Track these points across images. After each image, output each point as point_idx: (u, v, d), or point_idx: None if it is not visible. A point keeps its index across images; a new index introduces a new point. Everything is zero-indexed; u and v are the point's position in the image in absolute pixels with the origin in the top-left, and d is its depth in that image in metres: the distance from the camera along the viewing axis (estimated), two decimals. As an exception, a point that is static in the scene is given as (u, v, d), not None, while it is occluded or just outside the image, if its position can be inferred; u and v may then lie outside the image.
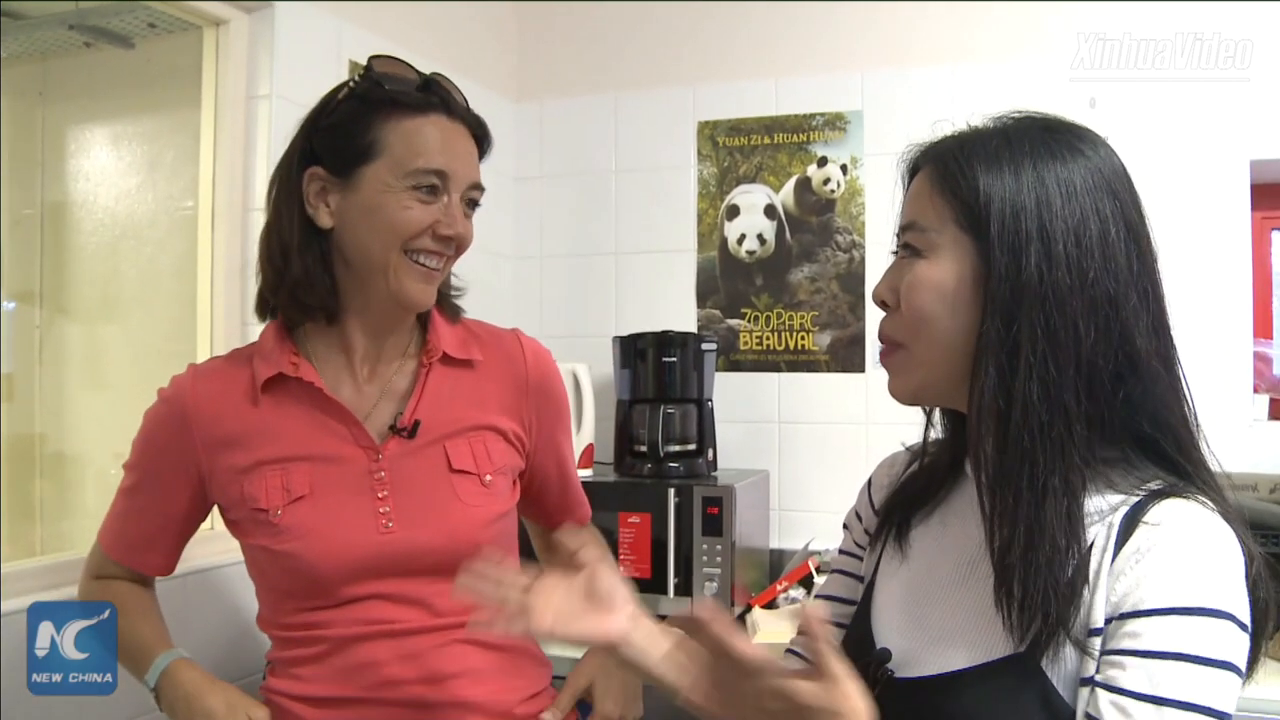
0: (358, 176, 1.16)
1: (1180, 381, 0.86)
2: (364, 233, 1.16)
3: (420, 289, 1.18)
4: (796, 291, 2.47)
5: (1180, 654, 0.74)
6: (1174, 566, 0.76)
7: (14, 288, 2.08)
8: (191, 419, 1.20)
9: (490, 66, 2.61)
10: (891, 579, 0.98)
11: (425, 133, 1.16)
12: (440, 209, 1.16)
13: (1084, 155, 0.85)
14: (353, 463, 1.19)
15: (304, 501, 1.17)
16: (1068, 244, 0.81)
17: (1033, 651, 0.80)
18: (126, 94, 2.09)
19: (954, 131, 0.90)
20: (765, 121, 2.50)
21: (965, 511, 0.94)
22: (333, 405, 1.20)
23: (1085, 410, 0.81)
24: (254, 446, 1.19)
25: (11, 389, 2.05)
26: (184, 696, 1.15)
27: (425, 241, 1.17)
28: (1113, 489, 0.82)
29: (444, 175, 1.16)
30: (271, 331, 1.23)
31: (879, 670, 0.89)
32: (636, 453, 2.32)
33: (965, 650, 0.84)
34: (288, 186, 1.20)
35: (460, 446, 1.23)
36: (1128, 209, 0.84)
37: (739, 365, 2.51)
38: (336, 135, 1.17)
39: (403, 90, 1.17)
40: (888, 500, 1.02)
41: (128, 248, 2.04)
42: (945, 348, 0.86)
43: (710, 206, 2.54)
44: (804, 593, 2.17)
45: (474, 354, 1.28)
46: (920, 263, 0.87)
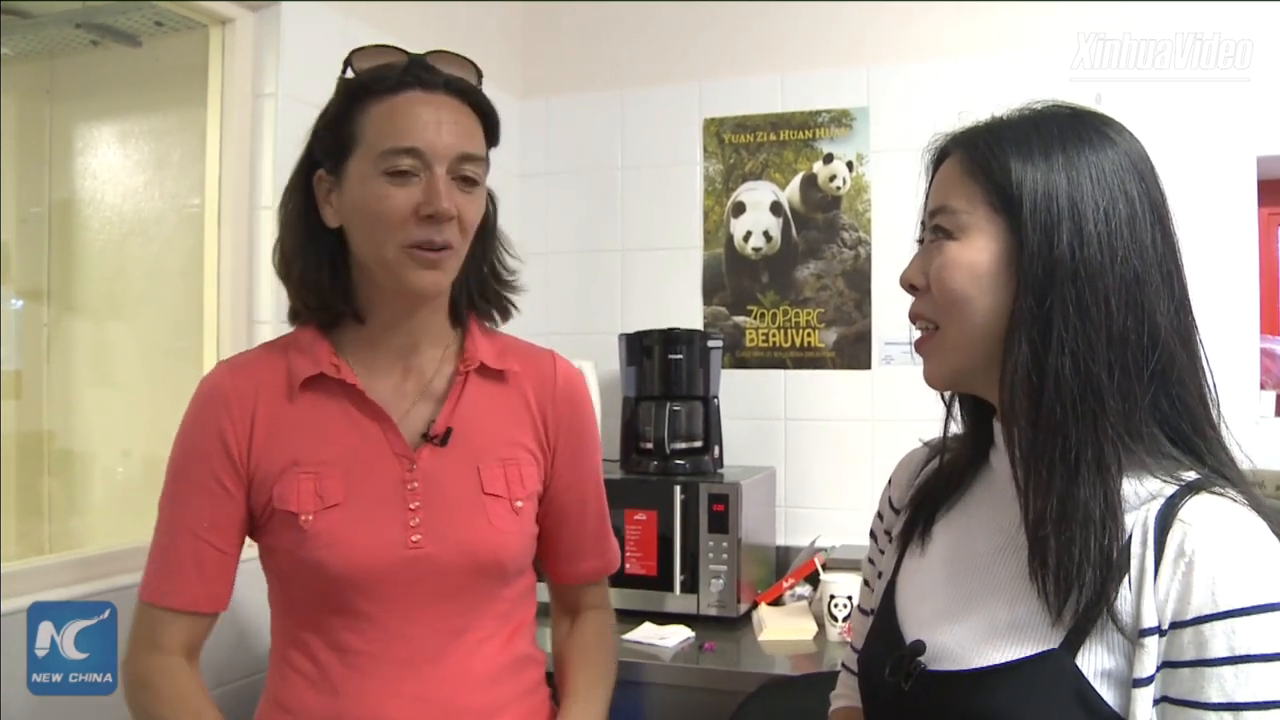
0: (345, 172, 1.12)
1: (1200, 362, 0.87)
2: (358, 229, 1.13)
3: (426, 277, 1.12)
4: (802, 288, 2.47)
5: (1246, 655, 0.74)
6: (1220, 569, 0.76)
7: (22, 285, 2.09)
8: (233, 409, 1.15)
9: (496, 63, 2.61)
10: (916, 573, 0.98)
11: (395, 111, 1.10)
12: (420, 189, 1.09)
13: (1111, 140, 0.86)
14: (387, 471, 1.15)
15: (337, 510, 1.13)
16: (1098, 223, 0.82)
17: (1069, 644, 0.80)
18: (133, 92, 2.09)
19: (981, 120, 0.91)
20: (771, 118, 2.49)
21: (990, 501, 0.94)
22: (371, 407, 1.16)
23: (1119, 384, 0.82)
24: (289, 445, 1.15)
25: (20, 386, 2.06)
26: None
27: (413, 231, 1.09)
28: (1146, 471, 0.83)
29: (418, 152, 1.08)
30: (310, 330, 1.20)
31: (911, 664, 0.89)
32: (642, 450, 2.32)
33: (998, 641, 0.84)
34: (291, 192, 1.18)
35: (494, 469, 1.19)
36: (1154, 192, 0.86)
37: (745, 362, 2.51)
38: (326, 133, 1.15)
39: (377, 75, 1.12)
40: (911, 497, 1.02)
41: (135, 245, 2.05)
42: (979, 329, 0.87)
43: (716, 203, 2.54)
44: (810, 590, 2.17)
45: (510, 365, 1.24)
46: (952, 244, 0.88)
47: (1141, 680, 0.77)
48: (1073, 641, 0.80)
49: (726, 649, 1.98)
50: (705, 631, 2.05)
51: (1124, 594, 0.79)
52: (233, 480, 1.15)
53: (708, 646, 1.97)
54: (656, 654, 1.92)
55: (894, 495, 1.08)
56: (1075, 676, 0.79)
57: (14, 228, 2.05)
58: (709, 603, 2.10)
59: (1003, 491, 0.90)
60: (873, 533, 1.11)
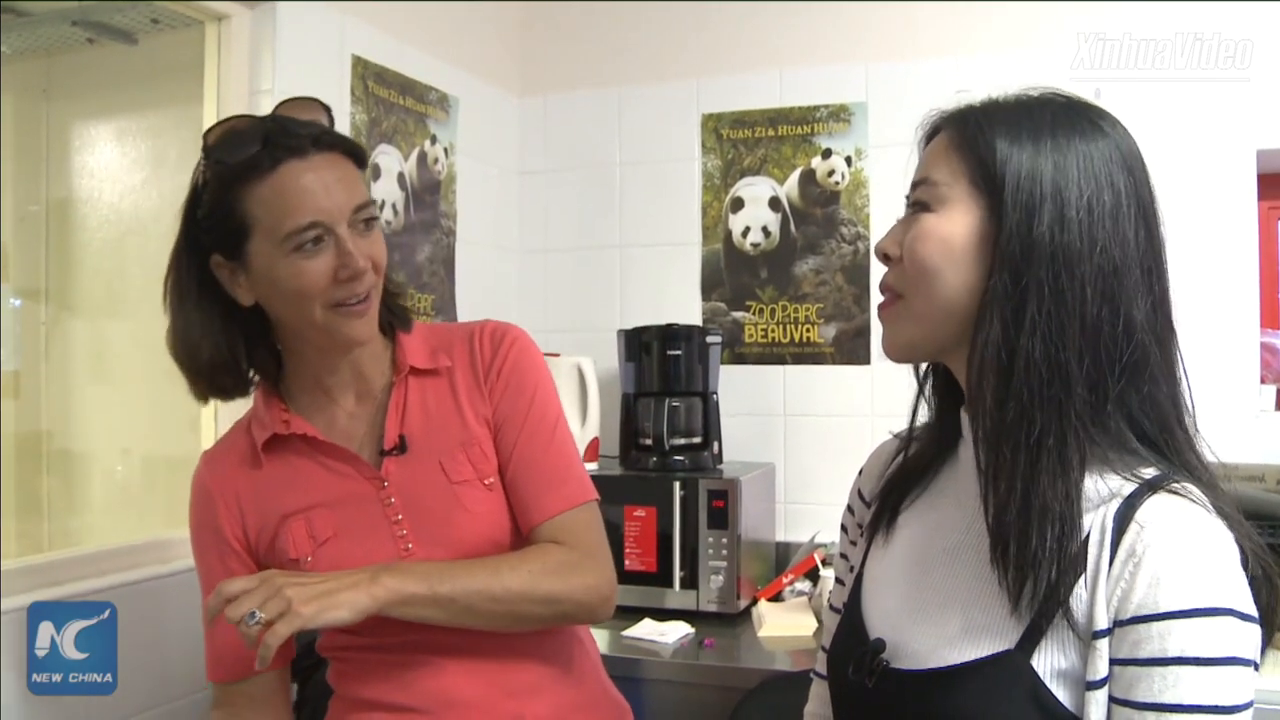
0: (247, 255, 1.13)
1: (1176, 364, 0.86)
2: (278, 304, 1.15)
3: (358, 327, 1.15)
4: (801, 284, 2.46)
5: (1178, 658, 0.74)
6: (1163, 570, 0.76)
7: (20, 284, 2.08)
8: (217, 501, 1.22)
9: (494, 61, 2.61)
10: (880, 566, 0.97)
11: (283, 190, 1.10)
12: (332, 255, 1.11)
13: (1103, 132, 0.85)
14: (365, 498, 1.20)
15: (331, 544, 1.19)
16: (1080, 210, 0.82)
17: (1026, 645, 0.80)
18: (130, 90, 2.09)
19: (975, 100, 0.90)
20: (769, 114, 2.49)
21: (954, 494, 0.93)
22: (331, 449, 1.21)
23: (1088, 373, 0.81)
24: (273, 505, 1.21)
25: (18, 386, 2.05)
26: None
27: (335, 292, 1.12)
28: (1108, 468, 0.82)
29: (318, 223, 1.10)
30: (260, 395, 1.25)
31: (874, 661, 0.89)
32: (642, 446, 2.32)
33: (956, 641, 0.84)
34: (182, 277, 1.19)
35: (457, 457, 1.22)
36: (1141, 188, 0.85)
37: (744, 358, 2.51)
38: (211, 222, 1.14)
39: (245, 157, 1.11)
40: (879, 489, 1.02)
41: (133, 244, 2.04)
42: (943, 303, 0.86)
43: (715, 199, 2.53)
44: (810, 585, 2.17)
45: (442, 361, 1.26)
46: (929, 216, 0.87)
47: (1094, 683, 0.77)
48: (1028, 642, 0.80)
49: (726, 645, 1.98)
50: (705, 628, 2.05)
51: (1080, 594, 0.79)
52: (239, 560, 1.22)
53: (707, 643, 1.97)
54: (656, 650, 1.92)
55: (864, 487, 1.07)
56: (1030, 677, 0.79)
57: (11, 226, 2.04)
58: (709, 599, 2.10)
59: (967, 485, 0.90)
60: (843, 526, 1.10)
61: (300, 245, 1.10)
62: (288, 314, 1.16)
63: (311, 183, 1.10)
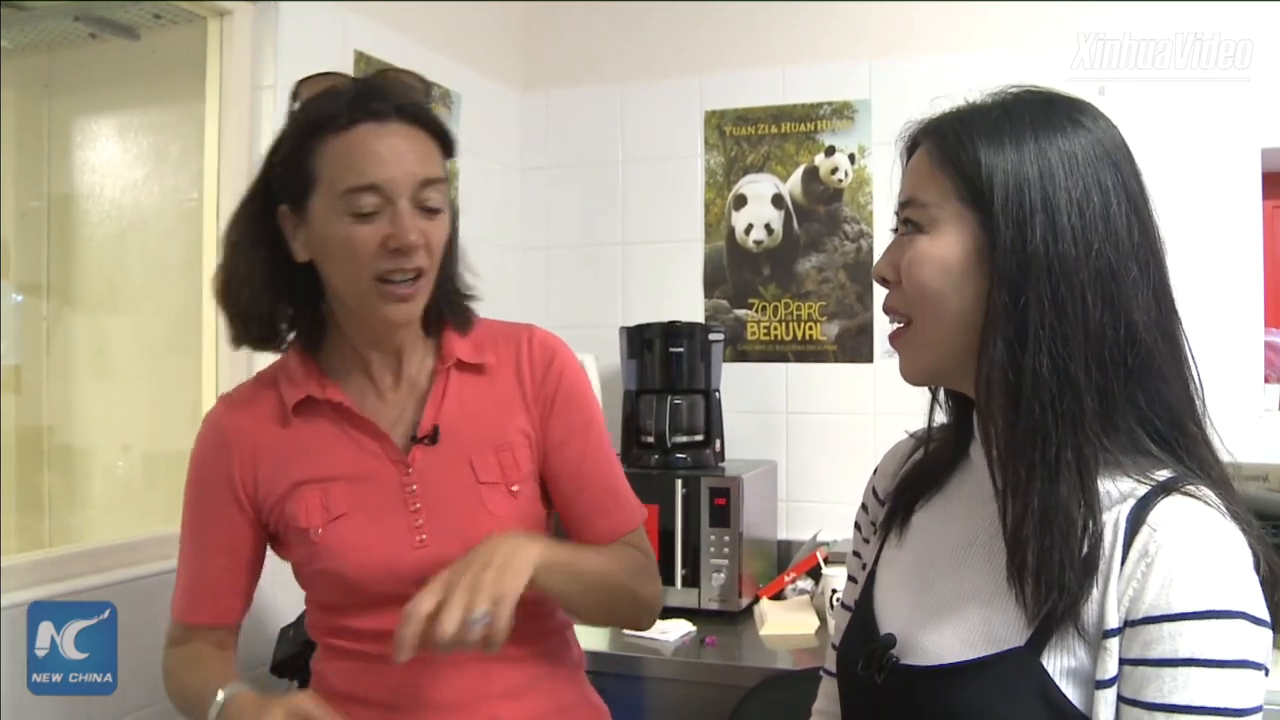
0: (308, 210, 1.13)
1: (1184, 355, 0.85)
2: (330, 264, 1.14)
3: (399, 310, 1.14)
4: (804, 281, 2.46)
5: (1189, 659, 0.74)
6: (1175, 571, 0.76)
7: (21, 280, 2.08)
8: (233, 446, 1.20)
9: (497, 57, 2.60)
10: (892, 564, 0.97)
11: (352, 149, 1.10)
12: (386, 223, 1.09)
13: (1084, 128, 0.84)
14: (386, 478, 1.18)
15: (344, 520, 1.17)
16: (1071, 215, 0.80)
17: (1035, 643, 0.80)
18: (132, 85, 2.09)
19: (952, 107, 0.89)
20: (772, 111, 2.48)
21: (968, 495, 0.93)
22: (362, 422, 1.19)
23: (1096, 382, 0.80)
24: (291, 468, 1.19)
25: (19, 381, 2.05)
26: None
27: (383, 263, 1.10)
28: (1121, 471, 0.82)
29: (378, 187, 1.09)
30: (295, 354, 1.23)
31: (884, 657, 0.89)
32: (644, 443, 2.31)
33: (967, 637, 0.84)
34: (248, 224, 1.18)
35: (487, 458, 1.21)
36: (1129, 181, 0.84)
37: (746, 356, 2.51)
38: (283, 171, 1.14)
39: (326, 111, 1.11)
40: (894, 488, 1.02)
41: (134, 239, 2.04)
42: (952, 324, 0.85)
43: (717, 196, 2.53)
44: (812, 584, 2.17)
45: (487, 357, 1.25)
46: (922, 238, 0.86)
47: (1104, 681, 0.77)
48: (1038, 640, 0.80)
49: (728, 643, 1.97)
50: (707, 626, 2.04)
51: (1091, 594, 0.79)
52: (241, 512, 1.21)
53: (709, 641, 1.96)
54: (658, 648, 1.92)
55: (879, 486, 1.07)
56: (1040, 675, 0.79)
57: (13, 222, 2.04)
58: (710, 597, 2.10)
59: (981, 485, 0.89)
60: (857, 524, 1.10)
61: (356, 209, 1.09)
62: (336, 278, 1.15)
63: (382, 148, 1.10)
